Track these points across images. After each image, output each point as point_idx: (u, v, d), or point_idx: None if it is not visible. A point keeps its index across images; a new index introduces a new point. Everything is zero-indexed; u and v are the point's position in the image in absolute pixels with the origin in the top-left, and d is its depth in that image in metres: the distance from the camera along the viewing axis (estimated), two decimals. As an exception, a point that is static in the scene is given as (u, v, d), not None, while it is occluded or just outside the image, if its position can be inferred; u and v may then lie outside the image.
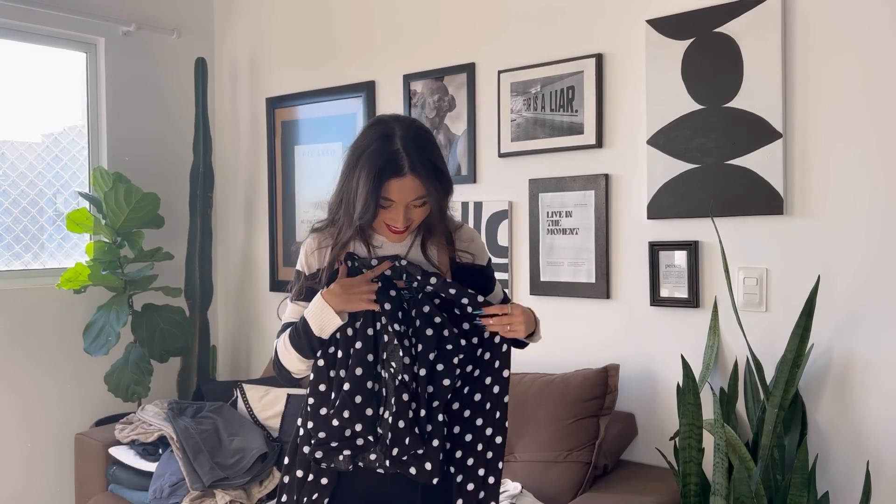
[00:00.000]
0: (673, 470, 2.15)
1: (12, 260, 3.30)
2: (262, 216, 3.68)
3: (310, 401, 1.56)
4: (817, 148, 2.14)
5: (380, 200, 1.49)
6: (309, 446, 1.55)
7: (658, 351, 2.44)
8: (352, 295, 1.50)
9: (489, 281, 1.70)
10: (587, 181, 2.56)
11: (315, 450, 1.53)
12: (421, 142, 1.51)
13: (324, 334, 1.52)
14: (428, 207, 1.55)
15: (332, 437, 1.52)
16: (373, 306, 1.50)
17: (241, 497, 2.54)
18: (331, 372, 1.54)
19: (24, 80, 3.32)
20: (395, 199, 1.50)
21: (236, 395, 3.02)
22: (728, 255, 2.20)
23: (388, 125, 1.52)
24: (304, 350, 1.54)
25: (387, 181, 1.48)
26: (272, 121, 3.59)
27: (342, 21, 3.30)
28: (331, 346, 1.54)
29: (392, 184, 1.48)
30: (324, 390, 1.55)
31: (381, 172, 1.47)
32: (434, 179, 1.51)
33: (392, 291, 1.52)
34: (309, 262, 1.62)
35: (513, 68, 2.73)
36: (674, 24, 2.35)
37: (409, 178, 1.48)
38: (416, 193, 1.50)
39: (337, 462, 1.53)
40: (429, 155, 1.52)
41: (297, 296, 1.63)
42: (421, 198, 1.51)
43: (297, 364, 1.57)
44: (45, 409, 3.29)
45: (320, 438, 1.53)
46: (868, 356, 2.09)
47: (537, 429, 2.39)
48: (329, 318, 1.50)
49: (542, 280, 2.69)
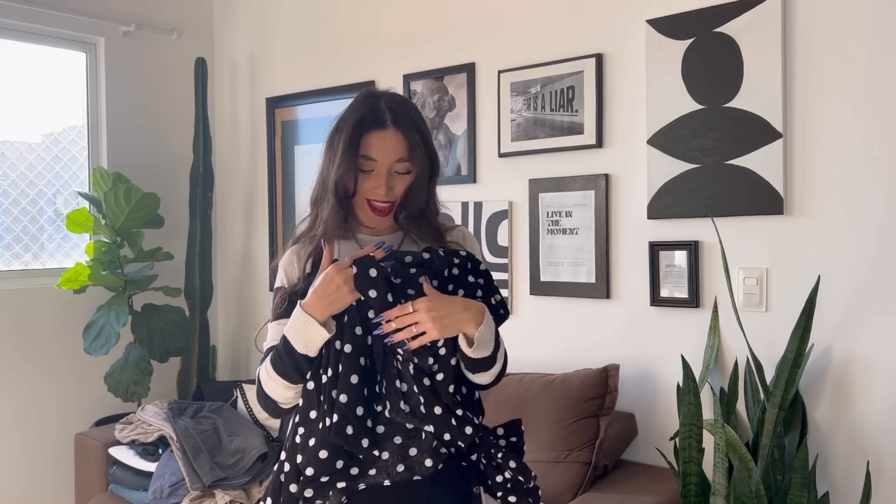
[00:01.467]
0: (673, 470, 2.15)
1: (12, 260, 3.30)
2: (262, 216, 3.68)
3: (299, 431, 1.36)
4: (817, 148, 2.14)
5: (359, 162, 1.37)
6: (296, 484, 1.34)
7: (658, 351, 2.44)
8: (331, 293, 1.30)
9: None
10: (587, 181, 2.56)
11: (304, 488, 1.33)
12: (407, 106, 1.44)
13: (310, 351, 1.32)
14: (410, 178, 1.41)
15: (321, 471, 1.32)
16: (354, 295, 1.31)
17: (241, 497, 2.54)
18: (321, 396, 1.34)
19: (24, 80, 3.32)
20: (377, 158, 1.38)
21: (236, 395, 3.02)
22: (728, 255, 2.20)
23: (372, 91, 1.46)
24: (291, 374, 1.34)
25: (367, 134, 1.37)
26: (272, 121, 3.59)
27: (342, 21, 3.30)
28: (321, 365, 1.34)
29: (373, 137, 1.37)
30: (314, 417, 1.34)
31: (360, 123, 1.38)
32: (420, 140, 1.41)
33: (372, 271, 1.29)
34: (288, 274, 1.45)
35: (513, 68, 2.73)
36: (674, 24, 2.35)
37: (392, 132, 1.38)
38: (399, 152, 1.39)
39: (330, 499, 1.34)
40: (414, 118, 1.42)
41: (276, 315, 1.44)
42: (404, 160, 1.40)
43: (285, 392, 1.37)
44: (45, 409, 3.29)
45: (308, 476, 1.32)
46: (868, 356, 2.09)
47: (537, 429, 2.39)
48: (313, 332, 1.31)
49: (542, 280, 2.69)
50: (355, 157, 1.37)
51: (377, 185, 1.39)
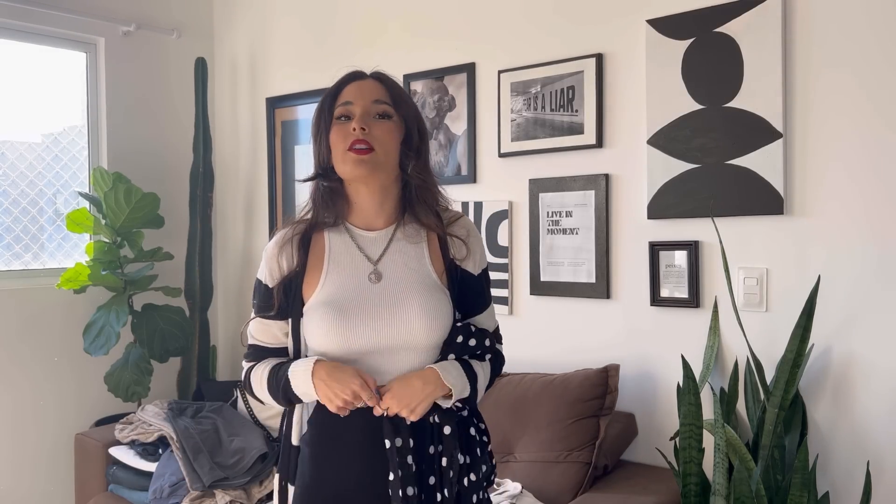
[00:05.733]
0: (673, 470, 2.15)
1: (12, 260, 3.30)
2: (262, 216, 3.68)
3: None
4: (817, 148, 2.14)
5: (336, 112, 1.38)
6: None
7: (658, 351, 2.44)
8: (334, 388, 1.32)
9: (479, 296, 1.49)
10: (587, 181, 2.56)
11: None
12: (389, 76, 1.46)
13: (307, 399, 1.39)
14: (392, 128, 1.39)
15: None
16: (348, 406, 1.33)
17: (241, 497, 2.54)
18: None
19: (24, 80, 3.32)
20: (353, 100, 1.38)
21: (236, 395, 3.02)
22: (728, 255, 2.20)
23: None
24: (284, 403, 1.42)
25: (344, 86, 1.40)
26: (272, 121, 3.59)
27: (342, 21, 3.30)
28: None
29: (350, 86, 1.40)
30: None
31: (341, 81, 1.41)
32: (402, 93, 1.42)
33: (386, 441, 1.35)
34: (270, 269, 1.43)
35: (513, 68, 2.73)
36: (674, 24, 2.35)
37: (370, 80, 1.42)
38: (377, 94, 1.39)
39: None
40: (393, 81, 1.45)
41: (259, 310, 1.44)
42: (382, 102, 1.39)
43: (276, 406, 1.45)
44: (45, 409, 3.29)
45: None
46: (868, 356, 2.09)
47: (537, 429, 2.39)
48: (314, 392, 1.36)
49: (542, 280, 2.69)
50: (332, 103, 1.38)
51: (354, 124, 1.37)
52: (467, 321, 1.45)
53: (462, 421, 1.41)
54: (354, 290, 1.39)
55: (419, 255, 1.44)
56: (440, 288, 1.42)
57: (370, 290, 1.40)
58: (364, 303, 1.38)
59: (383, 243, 1.44)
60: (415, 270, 1.42)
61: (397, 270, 1.42)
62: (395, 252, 1.43)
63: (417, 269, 1.43)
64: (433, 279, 1.43)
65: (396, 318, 1.37)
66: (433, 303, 1.38)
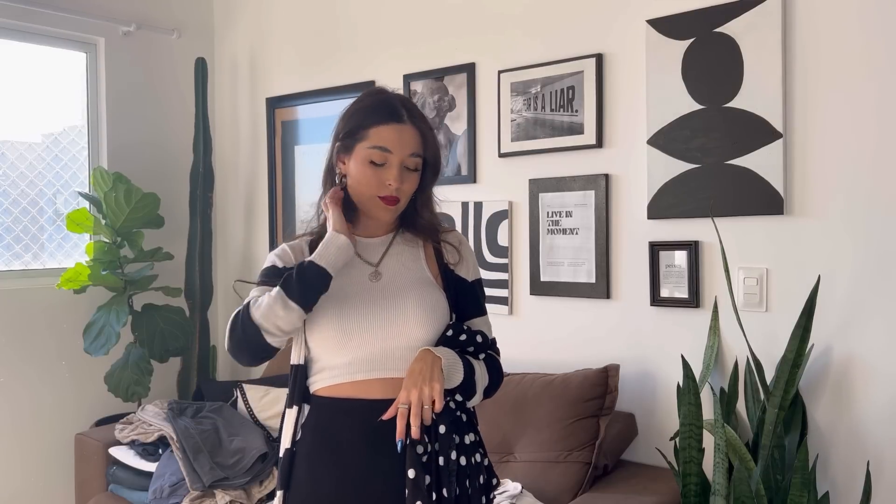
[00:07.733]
0: (673, 470, 2.15)
1: (12, 260, 3.30)
2: (262, 216, 3.68)
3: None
4: (817, 148, 2.14)
5: (372, 153, 1.39)
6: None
7: (658, 351, 2.44)
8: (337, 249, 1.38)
9: (473, 301, 1.52)
10: (587, 181, 2.56)
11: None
12: (416, 107, 1.47)
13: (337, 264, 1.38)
14: (418, 177, 1.45)
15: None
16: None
17: (241, 497, 2.54)
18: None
19: (24, 80, 3.32)
20: (393, 150, 1.39)
21: (236, 395, 3.02)
22: (728, 255, 2.20)
23: (380, 88, 1.50)
24: (305, 294, 1.34)
25: (381, 125, 1.39)
26: (272, 121, 3.59)
27: (342, 21, 3.30)
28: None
29: (389, 129, 1.39)
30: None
31: (375, 111, 1.40)
32: (431, 136, 1.44)
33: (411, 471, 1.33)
34: (283, 257, 1.47)
35: (513, 68, 2.73)
36: (674, 24, 2.35)
37: (409, 126, 1.41)
38: (414, 147, 1.41)
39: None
40: (424, 118, 1.46)
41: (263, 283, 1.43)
42: (417, 155, 1.42)
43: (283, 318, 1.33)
44: (45, 409, 3.29)
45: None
46: (868, 356, 2.09)
47: (537, 429, 2.39)
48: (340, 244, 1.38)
49: (542, 280, 2.69)
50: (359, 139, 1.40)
51: (390, 175, 1.40)
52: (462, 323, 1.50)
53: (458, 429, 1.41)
54: (356, 287, 1.46)
55: (416, 258, 1.52)
56: (436, 286, 1.49)
57: (370, 287, 1.46)
58: (364, 298, 1.44)
59: (383, 248, 1.51)
60: (412, 269, 1.50)
61: (395, 270, 1.49)
62: (393, 255, 1.51)
63: (414, 268, 1.50)
64: (429, 278, 1.50)
65: (394, 311, 1.42)
66: (429, 297, 1.45)
